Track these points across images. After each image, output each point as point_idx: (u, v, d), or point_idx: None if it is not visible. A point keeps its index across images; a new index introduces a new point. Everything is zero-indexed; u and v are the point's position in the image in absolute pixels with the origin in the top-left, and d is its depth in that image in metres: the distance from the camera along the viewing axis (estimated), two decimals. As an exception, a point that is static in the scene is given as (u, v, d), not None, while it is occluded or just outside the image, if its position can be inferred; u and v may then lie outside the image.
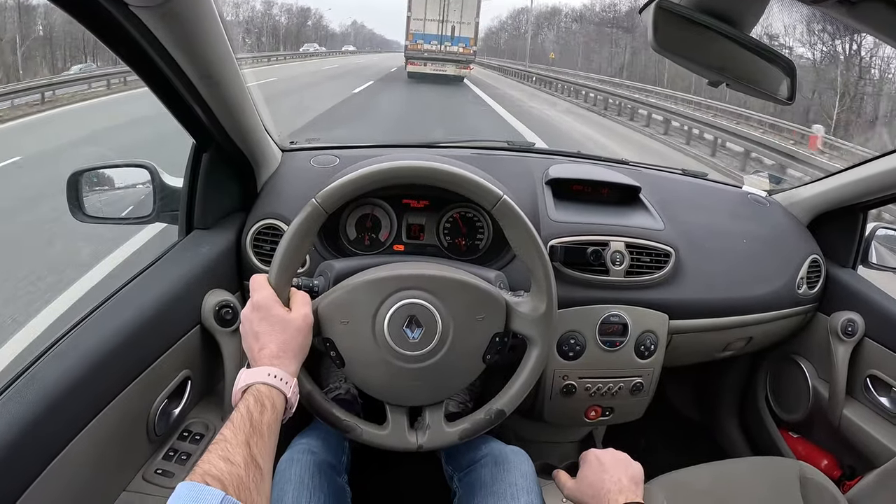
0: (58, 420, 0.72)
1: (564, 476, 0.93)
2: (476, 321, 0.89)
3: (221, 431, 0.65)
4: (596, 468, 0.88)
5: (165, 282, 0.98)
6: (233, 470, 0.60)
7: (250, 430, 0.66)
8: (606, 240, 1.18)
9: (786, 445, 1.52)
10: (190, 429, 1.00)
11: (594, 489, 0.86)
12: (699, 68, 0.73)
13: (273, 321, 0.80)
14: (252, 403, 0.70)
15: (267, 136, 1.20)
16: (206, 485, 0.56)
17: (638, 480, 0.86)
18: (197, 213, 1.12)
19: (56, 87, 13.41)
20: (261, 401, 0.71)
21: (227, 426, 0.66)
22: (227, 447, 0.62)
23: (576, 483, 0.90)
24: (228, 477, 0.58)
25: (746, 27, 0.70)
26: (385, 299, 0.87)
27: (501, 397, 0.94)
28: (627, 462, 0.89)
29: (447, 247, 1.23)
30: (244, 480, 0.60)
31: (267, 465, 0.66)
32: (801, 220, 1.46)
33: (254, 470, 0.62)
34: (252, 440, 0.65)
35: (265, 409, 0.70)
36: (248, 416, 0.68)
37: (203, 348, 1.03)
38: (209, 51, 0.83)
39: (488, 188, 0.88)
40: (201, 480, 0.57)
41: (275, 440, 0.70)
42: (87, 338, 0.82)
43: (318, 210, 0.85)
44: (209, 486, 0.56)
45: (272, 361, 0.77)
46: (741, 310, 1.29)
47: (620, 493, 0.83)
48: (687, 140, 10.38)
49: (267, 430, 0.68)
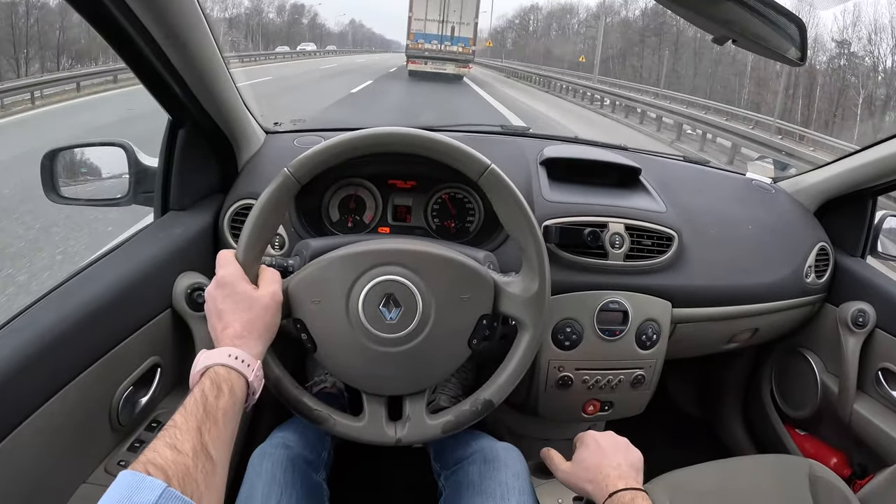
0: (8, 399, 0.67)
1: (558, 457, 0.87)
2: (461, 301, 0.82)
3: (173, 417, 0.59)
4: (594, 451, 0.82)
5: (134, 262, 0.92)
6: (179, 459, 0.54)
7: (203, 416, 0.60)
8: (605, 221, 1.12)
9: (792, 443, 1.46)
10: (159, 419, 0.95)
11: (591, 473, 0.80)
12: (704, 21, 0.69)
13: (238, 299, 0.74)
14: (208, 386, 0.64)
15: (248, 114, 1.14)
16: (147, 474, 0.51)
17: (638, 467, 0.81)
18: (173, 193, 1.07)
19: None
20: (217, 384, 0.65)
21: (178, 412, 0.60)
22: (176, 434, 0.57)
23: (571, 465, 0.84)
24: (173, 466, 0.53)
25: None
26: (360, 276, 0.80)
27: (489, 387, 0.87)
28: (627, 447, 0.84)
29: (435, 229, 1.17)
30: (191, 471, 0.54)
31: (220, 456, 0.60)
32: (807, 207, 1.41)
33: (203, 460, 0.56)
34: (204, 427, 0.59)
35: (221, 394, 0.64)
36: (203, 399, 0.62)
37: (174, 334, 0.98)
38: (171, 5, 0.77)
39: (474, 156, 0.81)
40: (143, 470, 0.51)
41: (232, 428, 0.64)
42: (47, 314, 0.77)
43: (289, 180, 0.79)
44: (151, 475, 0.51)
45: (234, 342, 0.71)
46: (747, 299, 1.23)
47: (620, 479, 0.77)
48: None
49: (222, 416, 0.62)
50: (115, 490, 0.50)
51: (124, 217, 2.84)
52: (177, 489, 0.51)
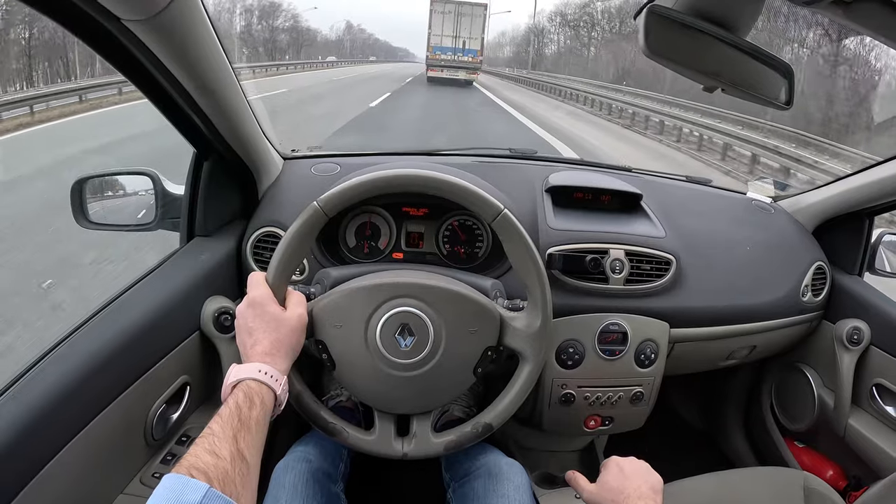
0: (56, 422, 0.73)
1: (583, 480, 0.92)
2: (469, 333, 0.89)
3: (209, 425, 0.65)
4: (617, 474, 0.87)
5: (165, 288, 0.99)
6: (219, 463, 0.60)
7: (238, 425, 0.66)
8: (606, 247, 1.17)
9: (791, 455, 1.50)
10: (188, 434, 1.01)
11: (614, 494, 0.85)
12: (693, 74, 0.71)
13: (267, 318, 0.81)
14: (241, 398, 0.70)
15: (267, 143, 1.20)
16: (190, 477, 0.56)
17: (658, 489, 0.86)
18: (198, 220, 1.13)
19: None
20: (250, 396, 0.71)
21: (214, 420, 0.66)
22: (215, 441, 0.63)
23: (596, 487, 0.89)
24: (214, 470, 0.59)
25: (742, 31, 0.69)
26: (379, 306, 0.87)
27: (490, 411, 0.94)
28: (648, 471, 0.89)
29: (446, 255, 1.23)
30: (230, 474, 0.60)
31: (254, 460, 0.66)
32: (806, 227, 1.44)
33: (240, 464, 0.62)
34: (240, 434, 0.65)
35: (254, 405, 0.70)
36: (237, 410, 0.68)
37: (202, 354, 1.04)
38: (204, 61, 0.84)
39: (489, 201, 0.88)
40: (186, 473, 0.57)
41: (263, 436, 0.70)
42: (87, 341, 0.83)
43: (318, 213, 0.85)
44: (194, 478, 0.56)
45: (263, 358, 0.77)
46: (744, 318, 1.28)
47: (640, 500, 0.83)
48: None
49: (255, 425, 0.69)
50: (162, 492, 0.55)
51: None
52: (218, 490, 0.57)
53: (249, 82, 22.10)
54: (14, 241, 4.18)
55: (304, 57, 55.25)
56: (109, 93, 13.10)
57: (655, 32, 0.67)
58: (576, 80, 24.79)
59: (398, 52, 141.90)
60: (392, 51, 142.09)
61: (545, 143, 9.92)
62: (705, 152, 10.40)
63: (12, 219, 4.62)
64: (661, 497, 0.86)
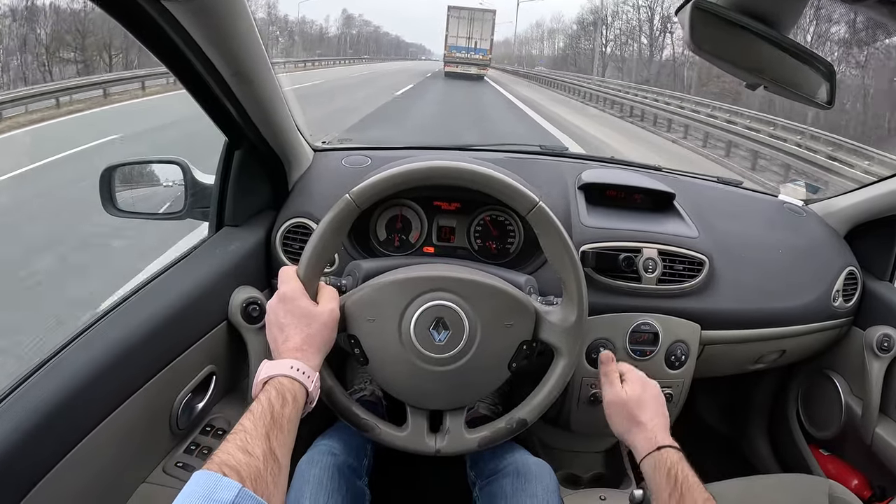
0: (81, 408, 0.73)
1: (617, 379, 0.93)
2: (504, 327, 0.88)
3: (241, 422, 0.64)
4: (644, 394, 0.90)
5: (194, 277, 0.99)
6: (251, 462, 0.59)
7: (270, 423, 0.65)
8: (639, 246, 1.16)
9: (815, 463, 1.48)
10: (213, 423, 1.01)
11: (642, 413, 0.87)
12: (737, 70, 0.70)
13: (299, 314, 0.79)
14: (273, 396, 0.69)
15: (299, 135, 1.20)
16: (223, 475, 0.55)
17: (667, 427, 0.88)
18: (228, 210, 1.13)
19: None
20: (282, 393, 0.70)
21: (246, 417, 0.65)
22: (247, 438, 0.62)
23: (626, 395, 0.90)
24: (246, 469, 0.57)
25: (785, 28, 0.68)
26: (413, 299, 0.86)
27: (524, 406, 0.93)
28: (664, 403, 0.92)
29: (477, 250, 1.22)
30: (262, 473, 0.59)
31: (285, 460, 0.65)
32: (838, 231, 1.42)
33: (272, 463, 0.61)
34: (272, 433, 0.64)
35: (286, 403, 0.69)
36: (269, 408, 0.67)
37: (229, 344, 1.04)
38: (240, 47, 0.83)
39: (525, 193, 0.87)
40: (218, 470, 0.56)
41: (294, 434, 0.69)
42: (114, 329, 0.83)
43: (351, 205, 0.84)
44: (226, 476, 0.55)
45: (295, 354, 0.76)
46: (775, 322, 1.26)
47: (666, 437, 0.84)
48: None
49: (287, 423, 0.68)
50: (193, 488, 0.54)
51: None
52: (250, 489, 0.55)
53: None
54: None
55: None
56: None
57: (700, 27, 0.66)
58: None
59: (410, 49, 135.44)
60: (402, 47, 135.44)
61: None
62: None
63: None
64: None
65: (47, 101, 10.70)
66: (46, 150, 7.23)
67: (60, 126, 9.64)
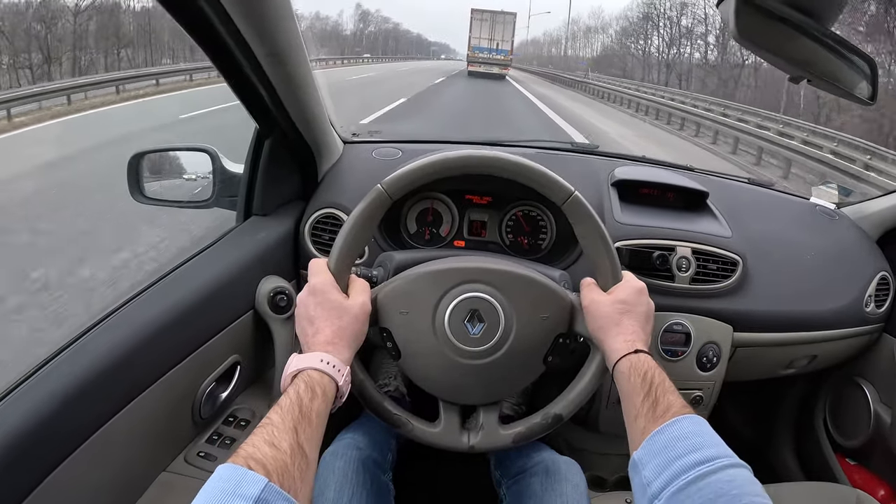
0: (103, 393, 0.72)
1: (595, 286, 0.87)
2: (540, 320, 0.86)
3: (268, 415, 0.63)
4: (639, 304, 0.84)
5: (221, 265, 0.98)
6: (278, 456, 0.57)
7: (299, 416, 0.63)
8: (673, 244, 1.14)
9: (842, 472, 1.44)
10: (236, 414, 1.00)
11: (628, 317, 0.82)
12: (781, 62, 0.70)
13: (329, 307, 0.77)
14: (302, 389, 0.67)
15: (330, 125, 1.19)
16: (248, 469, 0.54)
17: (649, 339, 0.83)
18: (256, 199, 1.12)
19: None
20: (311, 387, 0.68)
21: (274, 410, 0.64)
22: (274, 431, 0.60)
23: (613, 298, 0.84)
24: (273, 463, 0.56)
25: (827, 21, 0.67)
26: (447, 291, 0.84)
27: (560, 402, 0.90)
28: (650, 325, 0.86)
29: (509, 245, 1.21)
30: (289, 468, 0.57)
31: (313, 455, 0.63)
32: (870, 235, 1.39)
33: (300, 458, 0.59)
34: (300, 426, 0.62)
35: (315, 396, 0.67)
36: (298, 401, 0.65)
37: (255, 334, 1.03)
38: (277, 27, 0.82)
39: (560, 183, 0.85)
40: (244, 464, 0.54)
41: (322, 428, 0.67)
42: (140, 313, 0.82)
43: (382, 196, 0.83)
44: (252, 470, 0.54)
45: (325, 347, 0.74)
46: (807, 325, 1.23)
47: (645, 345, 0.80)
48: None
49: (316, 417, 0.66)
50: (217, 482, 0.53)
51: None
52: (276, 484, 0.54)
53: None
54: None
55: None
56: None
57: (744, 18, 0.66)
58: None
59: (432, 48, 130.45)
60: (424, 45, 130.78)
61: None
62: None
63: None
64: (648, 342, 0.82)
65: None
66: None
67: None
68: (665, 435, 0.66)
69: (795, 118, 10.81)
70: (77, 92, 11.31)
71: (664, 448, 0.65)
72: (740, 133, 10.81)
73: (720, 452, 0.63)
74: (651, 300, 0.87)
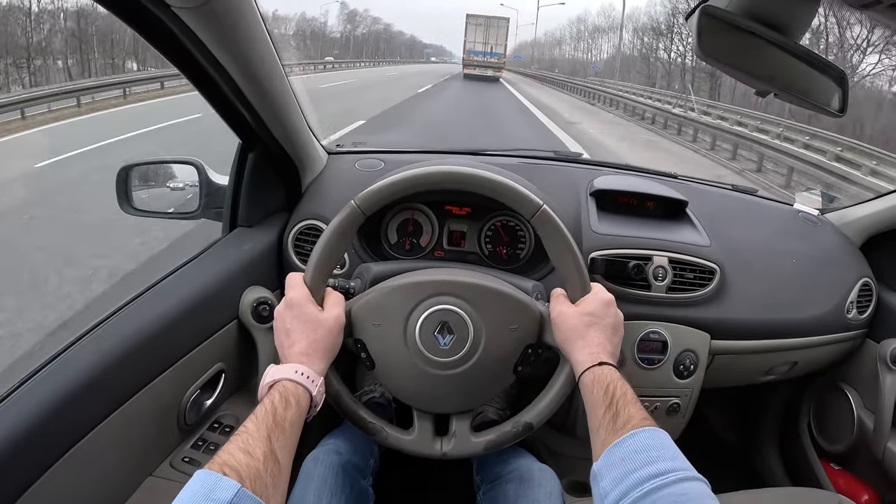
0: (89, 401, 0.75)
1: (565, 297, 0.88)
2: (509, 331, 0.88)
3: (244, 424, 0.66)
4: (607, 318, 0.85)
5: (206, 276, 1.00)
6: (251, 463, 0.60)
7: (272, 425, 0.67)
8: (649, 254, 1.15)
9: (826, 477, 1.45)
10: (220, 420, 1.03)
11: (593, 331, 0.83)
12: (746, 77, 0.70)
13: (305, 319, 0.81)
14: (277, 399, 0.71)
15: (312, 137, 1.21)
16: (223, 475, 0.57)
17: (614, 357, 0.83)
18: (241, 211, 1.15)
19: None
20: (286, 397, 0.72)
21: (249, 419, 0.67)
22: (249, 440, 0.63)
23: (580, 311, 0.85)
24: (246, 469, 0.59)
25: (795, 35, 0.68)
26: (418, 304, 0.87)
27: (530, 410, 0.93)
28: (619, 338, 0.87)
29: (488, 255, 1.22)
30: (262, 474, 0.60)
31: (286, 461, 0.66)
32: (853, 241, 1.40)
33: (272, 465, 0.63)
34: (273, 435, 0.65)
35: (289, 406, 0.71)
36: (272, 410, 0.69)
37: (239, 343, 1.05)
38: (251, 50, 0.84)
39: (528, 196, 0.87)
40: (219, 470, 0.57)
41: (296, 437, 0.71)
42: (126, 324, 0.85)
43: (356, 212, 0.85)
44: (226, 476, 0.57)
45: (300, 359, 0.78)
46: (786, 333, 1.24)
47: (612, 357, 0.81)
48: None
49: (289, 426, 0.69)
50: (193, 486, 0.56)
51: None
52: (249, 490, 0.57)
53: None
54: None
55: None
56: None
57: (708, 34, 0.66)
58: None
59: (425, 50, 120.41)
60: (418, 48, 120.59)
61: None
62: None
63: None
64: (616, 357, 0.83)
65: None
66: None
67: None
68: (623, 447, 0.68)
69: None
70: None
71: (622, 460, 0.66)
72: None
73: (676, 466, 0.64)
74: (619, 311, 0.88)
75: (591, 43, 63.84)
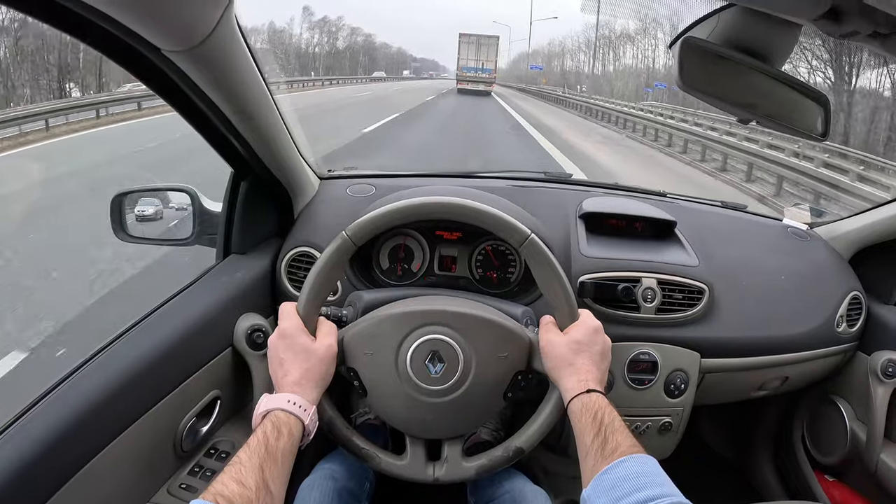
0: (89, 431, 0.76)
1: (556, 327, 0.89)
2: (498, 359, 0.90)
3: (237, 454, 0.68)
4: (594, 345, 0.86)
5: (200, 304, 1.01)
6: (244, 493, 0.62)
7: (265, 455, 0.68)
8: (638, 276, 1.16)
9: (820, 489, 1.46)
10: (217, 447, 1.03)
11: (581, 359, 0.84)
12: (727, 105, 0.71)
13: (297, 349, 0.82)
14: (269, 429, 0.72)
15: (304, 164, 1.22)
16: None
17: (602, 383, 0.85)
18: (234, 238, 1.16)
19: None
20: (278, 426, 0.73)
21: (243, 449, 0.69)
22: (241, 470, 0.65)
23: (568, 339, 0.86)
24: (239, 499, 0.61)
25: (777, 62, 0.69)
26: (409, 333, 0.88)
27: (521, 435, 0.94)
28: (608, 358, 0.88)
29: (479, 279, 1.23)
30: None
31: (279, 491, 0.68)
32: (842, 255, 1.41)
33: (265, 495, 0.64)
34: (266, 465, 0.67)
35: (281, 435, 0.72)
36: (265, 440, 0.70)
37: (233, 369, 1.06)
38: (243, 89, 0.86)
39: (516, 226, 0.88)
40: (212, 500, 0.59)
41: (289, 466, 0.72)
42: (125, 353, 0.86)
43: (347, 243, 0.87)
44: None
45: (293, 388, 0.79)
46: (777, 349, 1.25)
47: (599, 384, 0.82)
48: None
49: (281, 456, 0.71)
50: None
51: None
52: None
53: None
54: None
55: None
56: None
57: (690, 64, 0.67)
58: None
59: (413, 65, 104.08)
60: (406, 62, 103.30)
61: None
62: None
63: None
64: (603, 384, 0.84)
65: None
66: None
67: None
68: (611, 475, 0.69)
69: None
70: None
71: (610, 488, 0.68)
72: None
73: (664, 492, 0.65)
74: (607, 338, 0.89)
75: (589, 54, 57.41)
